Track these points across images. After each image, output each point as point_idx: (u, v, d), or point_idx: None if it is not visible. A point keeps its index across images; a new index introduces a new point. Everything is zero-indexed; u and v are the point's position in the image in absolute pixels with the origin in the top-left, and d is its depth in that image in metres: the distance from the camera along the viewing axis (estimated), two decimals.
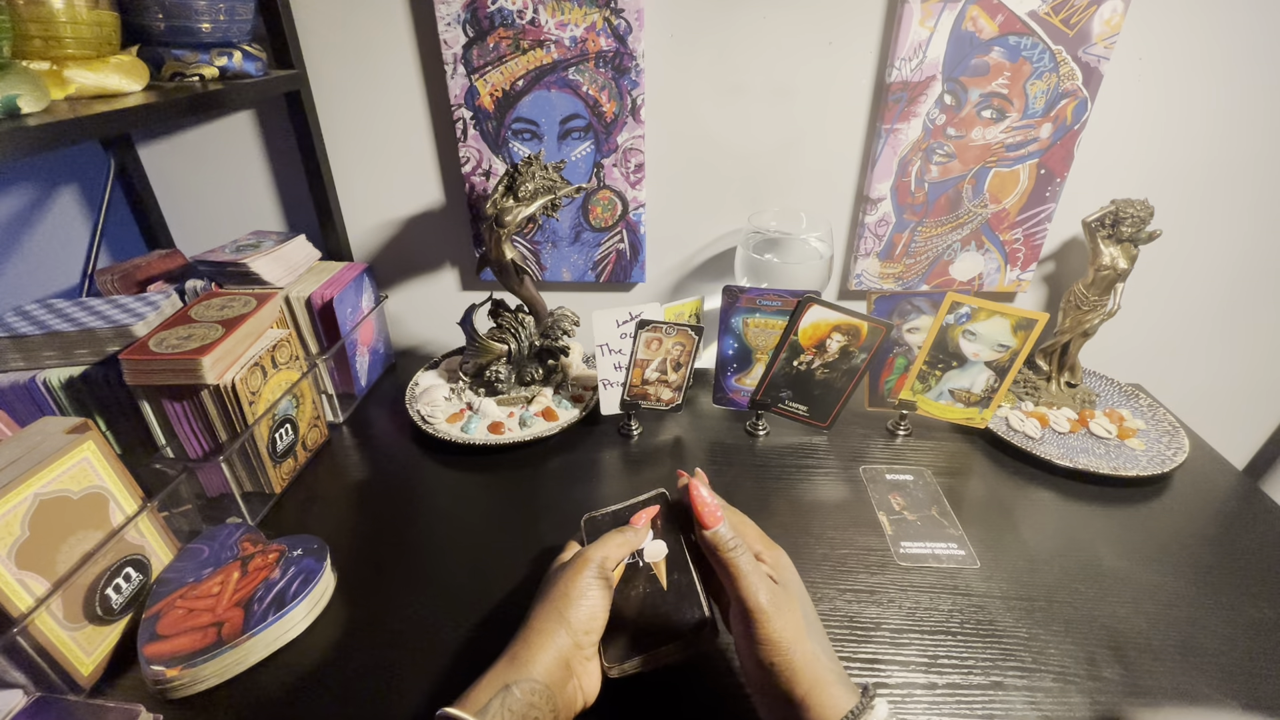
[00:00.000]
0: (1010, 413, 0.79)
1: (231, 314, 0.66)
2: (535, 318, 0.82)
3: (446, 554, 0.62)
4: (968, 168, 0.81)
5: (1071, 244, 0.88)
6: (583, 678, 0.44)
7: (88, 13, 0.55)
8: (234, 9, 0.68)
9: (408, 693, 0.49)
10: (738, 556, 0.43)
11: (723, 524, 0.44)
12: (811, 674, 0.39)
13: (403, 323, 0.99)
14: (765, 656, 0.40)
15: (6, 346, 0.60)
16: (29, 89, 0.48)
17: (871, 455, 0.75)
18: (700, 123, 0.82)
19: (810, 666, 0.40)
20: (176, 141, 0.85)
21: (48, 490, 0.47)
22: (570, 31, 0.75)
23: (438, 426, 0.77)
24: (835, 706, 0.38)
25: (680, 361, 0.74)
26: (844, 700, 0.39)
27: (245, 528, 0.60)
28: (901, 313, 0.77)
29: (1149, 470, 0.69)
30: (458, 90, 0.79)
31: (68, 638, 0.47)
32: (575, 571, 0.46)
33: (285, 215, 0.91)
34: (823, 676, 0.40)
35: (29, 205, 0.75)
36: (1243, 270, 0.88)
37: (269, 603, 0.52)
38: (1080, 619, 0.55)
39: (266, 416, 0.65)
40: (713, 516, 0.44)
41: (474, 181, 0.85)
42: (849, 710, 0.38)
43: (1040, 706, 0.48)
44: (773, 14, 0.75)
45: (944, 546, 0.62)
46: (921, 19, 0.72)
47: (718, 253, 0.91)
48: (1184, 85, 0.76)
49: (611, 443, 0.77)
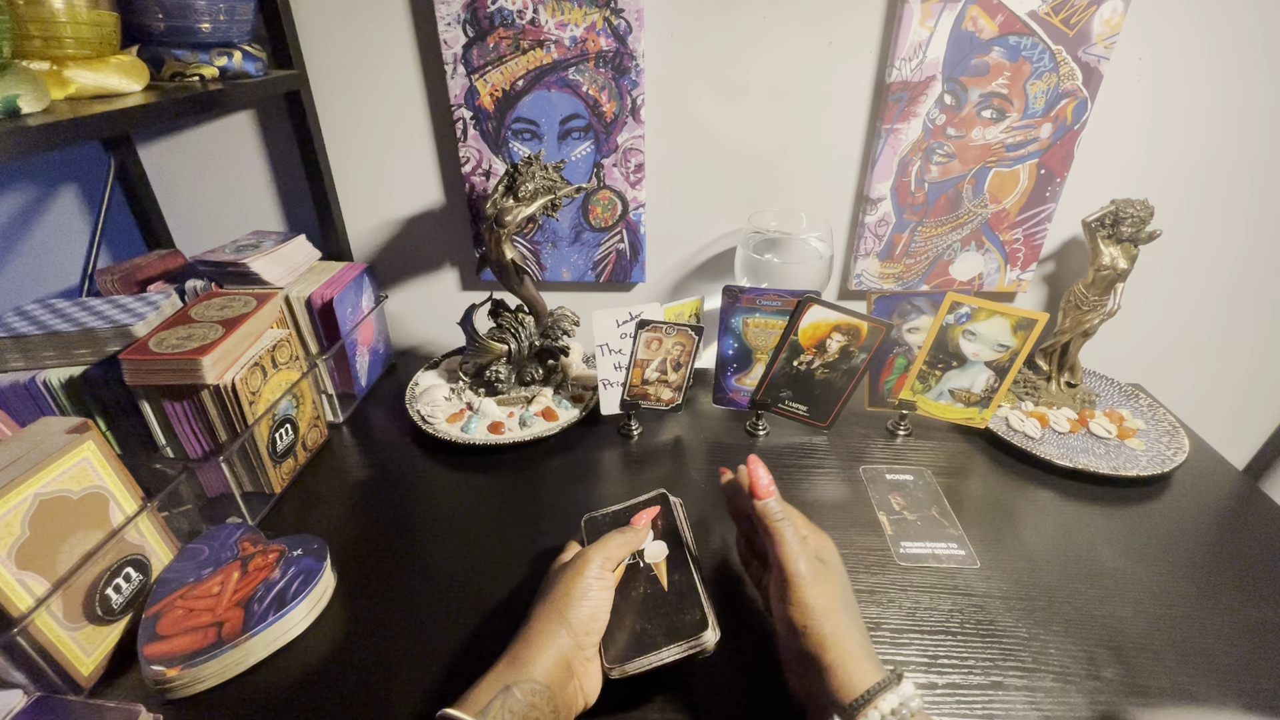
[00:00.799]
0: (1010, 413, 0.79)
1: (231, 314, 0.66)
2: (535, 318, 0.82)
3: (446, 554, 0.62)
4: (968, 168, 0.81)
5: (1071, 244, 0.88)
6: (583, 678, 0.44)
7: (88, 13, 0.55)
8: (234, 9, 0.68)
9: (408, 693, 0.49)
10: (784, 527, 0.46)
11: (774, 498, 0.48)
12: (841, 645, 0.41)
13: (403, 323, 0.99)
14: (798, 619, 0.42)
15: (6, 346, 0.60)
16: (29, 89, 0.48)
17: (871, 455, 0.75)
18: (700, 123, 0.82)
19: (841, 638, 0.41)
20: (176, 141, 0.85)
21: (48, 490, 0.47)
22: (570, 31, 0.75)
23: (438, 426, 0.77)
24: (862, 678, 0.39)
25: (680, 361, 0.74)
26: (871, 674, 0.40)
27: (245, 528, 0.60)
28: (901, 313, 0.77)
29: (1149, 470, 0.69)
30: (458, 90, 0.79)
31: (68, 638, 0.47)
32: (576, 572, 0.46)
33: (285, 215, 0.91)
34: (852, 650, 0.41)
35: (29, 205, 0.75)
36: (1243, 270, 0.88)
37: (269, 603, 0.52)
38: (1080, 619, 0.55)
39: (266, 416, 0.65)
40: (766, 489, 0.48)
41: (474, 181, 0.85)
42: (875, 683, 0.39)
43: (1040, 706, 0.48)
44: (773, 14, 0.75)
45: (944, 546, 0.62)
46: (921, 19, 0.72)
47: (718, 253, 0.91)
48: (1184, 85, 0.76)
49: (611, 443, 0.77)
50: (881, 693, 0.38)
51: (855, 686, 0.39)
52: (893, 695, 0.38)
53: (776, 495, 0.48)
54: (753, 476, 0.48)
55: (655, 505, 0.55)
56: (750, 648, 0.52)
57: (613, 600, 0.47)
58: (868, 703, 0.38)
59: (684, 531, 0.53)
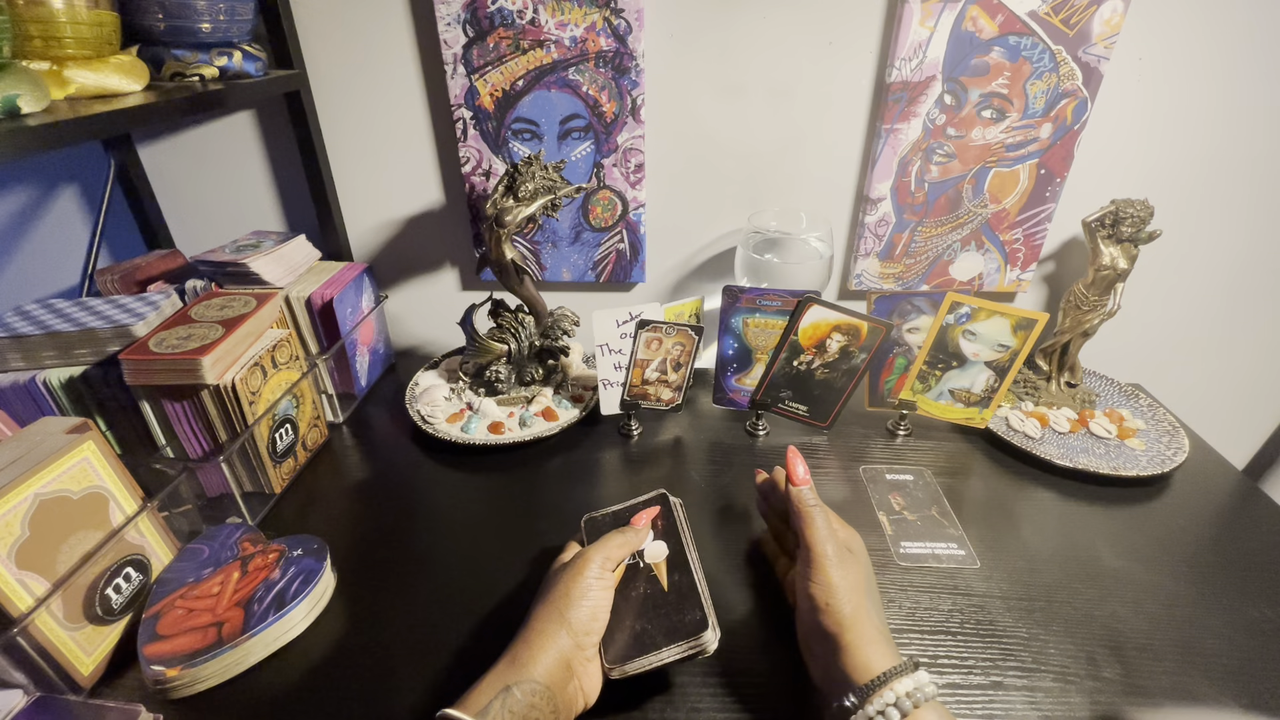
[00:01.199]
0: (1010, 413, 0.79)
1: (231, 314, 0.66)
2: (535, 318, 0.82)
3: (446, 554, 0.62)
4: (968, 168, 0.81)
5: (1071, 244, 0.88)
6: (583, 678, 0.44)
7: (88, 13, 0.55)
8: (234, 9, 0.68)
9: (408, 693, 0.49)
10: (816, 512, 0.48)
11: (809, 486, 0.50)
12: (860, 627, 0.42)
13: (403, 323, 0.99)
14: (820, 597, 0.44)
15: (6, 346, 0.60)
16: (29, 89, 0.48)
17: (871, 455, 0.75)
18: (700, 123, 0.82)
19: (861, 620, 0.42)
20: (176, 141, 0.85)
21: (48, 490, 0.47)
22: (570, 31, 0.75)
23: (438, 426, 0.77)
24: (879, 661, 0.40)
25: (680, 361, 0.74)
26: (888, 658, 0.40)
27: (245, 528, 0.60)
28: (901, 313, 0.77)
29: (1149, 470, 0.69)
30: (458, 90, 0.79)
31: (68, 638, 0.47)
32: (576, 572, 0.46)
33: (285, 215, 0.91)
34: (870, 633, 0.42)
35: (29, 205, 0.75)
36: (1243, 270, 0.88)
37: (269, 603, 0.52)
38: (1080, 619, 0.55)
39: (266, 416, 0.65)
40: (803, 478, 0.50)
41: (474, 181, 0.85)
42: (891, 667, 0.39)
43: (1040, 706, 0.48)
44: (773, 14, 0.75)
45: (944, 546, 0.62)
46: (921, 19, 0.72)
47: (718, 253, 0.91)
48: (1184, 85, 0.76)
49: (611, 443, 0.77)
50: (898, 676, 0.39)
51: (872, 668, 0.40)
52: (909, 679, 0.39)
53: (811, 485, 0.50)
54: (791, 465, 0.51)
55: (655, 505, 0.55)
56: (751, 648, 0.52)
57: (613, 600, 0.47)
58: (883, 684, 0.39)
59: (684, 531, 0.53)
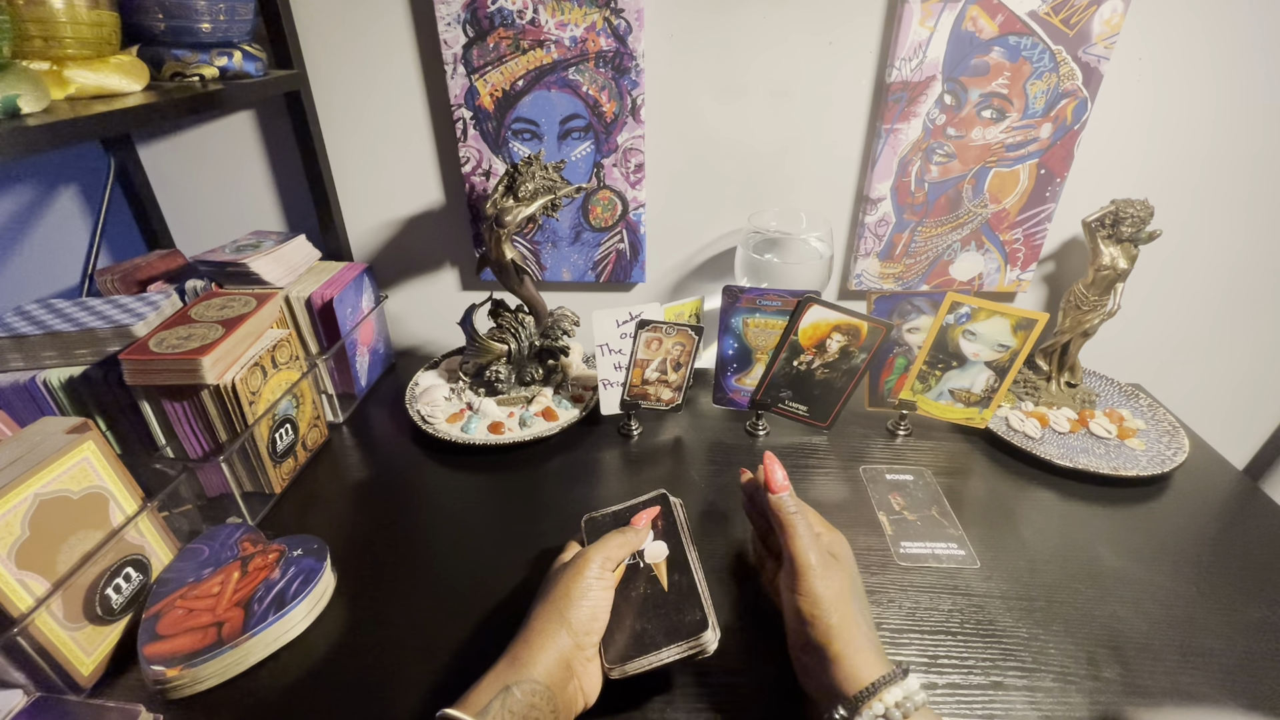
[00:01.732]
0: (1010, 413, 0.79)
1: (231, 314, 0.66)
2: (535, 318, 0.82)
3: (446, 554, 0.62)
4: (968, 168, 0.81)
5: (1071, 244, 0.88)
6: (583, 678, 0.44)
7: (88, 13, 0.55)
8: (234, 9, 0.68)
9: (408, 693, 0.49)
10: (797, 520, 0.47)
11: (788, 493, 0.49)
12: (848, 636, 0.41)
13: (403, 323, 0.99)
14: (807, 609, 0.43)
15: (6, 346, 0.60)
16: (29, 89, 0.48)
17: (871, 455, 0.75)
18: (700, 123, 0.82)
19: (848, 630, 0.42)
20: (176, 141, 0.85)
21: (48, 490, 0.47)
22: (570, 31, 0.75)
23: (438, 426, 0.77)
24: (868, 670, 0.40)
25: (680, 361, 0.74)
26: (877, 667, 0.40)
27: (245, 528, 0.60)
28: (901, 313, 0.77)
29: (1149, 470, 0.69)
30: (458, 90, 0.79)
31: (68, 638, 0.47)
32: (576, 572, 0.46)
33: (285, 215, 0.91)
34: (859, 642, 0.41)
35: (29, 205, 0.75)
36: (1243, 270, 0.88)
37: (269, 603, 0.52)
38: (1080, 619, 0.55)
39: (266, 416, 0.65)
40: (781, 485, 0.49)
41: (474, 181, 0.85)
42: (881, 676, 0.39)
43: (1040, 706, 0.48)
44: (773, 14, 0.75)
45: (944, 546, 0.62)
46: (921, 19, 0.72)
47: (718, 253, 0.91)
48: (1184, 85, 0.76)
49: (611, 443, 0.77)
50: (887, 686, 0.38)
51: (861, 678, 0.39)
52: (898, 689, 0.38)
53: (790, 491, 0.49)
54: (768, 472, 0.50)
55: (655, 505, 0.55)
56: (750, 648, 0.52)
57: (613, 600, 0.47)
58: (873, 695, 0.38)
59: (684, 531, 0.53)
